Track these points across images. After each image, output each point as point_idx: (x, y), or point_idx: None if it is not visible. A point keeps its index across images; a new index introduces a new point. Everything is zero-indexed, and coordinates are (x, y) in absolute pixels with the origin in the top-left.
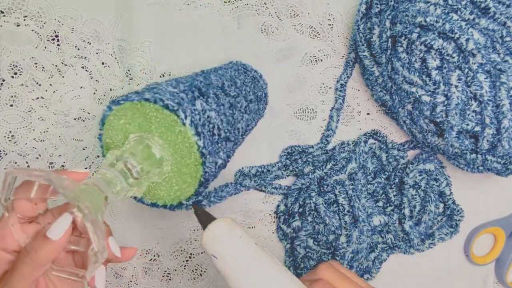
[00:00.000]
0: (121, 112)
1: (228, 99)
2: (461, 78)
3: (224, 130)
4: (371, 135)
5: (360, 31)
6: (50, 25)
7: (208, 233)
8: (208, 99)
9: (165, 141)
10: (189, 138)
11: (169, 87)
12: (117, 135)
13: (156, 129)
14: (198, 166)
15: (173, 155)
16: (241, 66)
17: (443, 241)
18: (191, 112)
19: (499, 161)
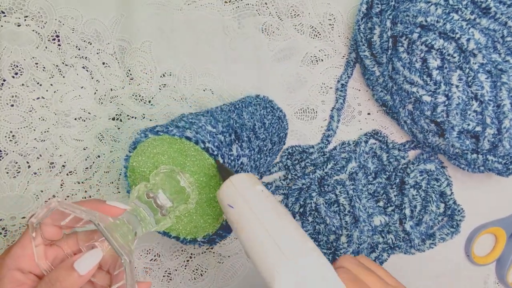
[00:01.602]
0: (157, 142)
1: (258, 142)
2: (462, 78)
3: (252, 173)
4: (372, 135)
5: (361, 31)
6: (51, 25)
7: (228, 183)
8: (242, 144)
9: (197, 180)
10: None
11: (208, 126)
12: (146, 162)
13: (190, 167)
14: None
15: (201, 195)
16: (268, 103)
17: (444, 241)
18: (228, 158)
19: (500, 161)
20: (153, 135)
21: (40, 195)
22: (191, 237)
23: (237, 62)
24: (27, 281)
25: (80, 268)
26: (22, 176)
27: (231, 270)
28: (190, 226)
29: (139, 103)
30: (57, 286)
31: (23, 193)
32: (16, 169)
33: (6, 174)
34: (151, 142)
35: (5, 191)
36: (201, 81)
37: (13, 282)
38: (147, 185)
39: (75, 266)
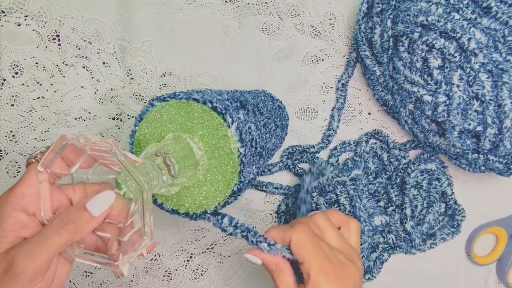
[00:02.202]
0: (165, 109)
1: (262, 118)
2: (463, 77)
3: (260, 145)
4: (373, 135)
5: (362, 30)
6: (51, 24)
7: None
8: (248, 112)
9: (205, 144)
10: (232, 143)
11: (214, 94)
12: (153, 133)
13: (198, 130)
14: (234, 174)
15: (210, 160)
16: (268, 94)
17: (444, 241)
18: (237, 119)
19: (501, 161)
20: (159, 103)
21: None
22: (200, 210)
23: (237, 62)
24: (31, 224)
25: (93, 209)
26: None
27: (232, 270)
28: (200, 198)
29: (139, 102)
30: (70, 226)
31: None
32: (16, 168)
33: (6, 173)
34: (158, 110)
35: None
36: (202, 80)
37: (17, 223)
38: (157, 145)
39: (88, 207)
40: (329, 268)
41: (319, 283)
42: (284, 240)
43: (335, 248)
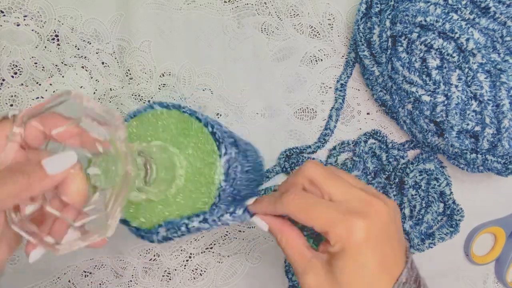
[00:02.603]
0: (163, 116)
1: (247, 165)
2: (461, 77)
3: (237, 189)
4: (371, 135)
5: (360, 30)
6: (50, 24)
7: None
8: (239, 153)
9: (189, 165)
10: (217, 174)
11: (215, 121)
12: (141, 134)
13: (188, 149)
14: (206, 205)
15: (187, 182)
16: (254, 146)
17: (443, 241)
18: (229, 153)
19: (499, 161)
20: (160, 108)
21: None
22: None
23: (236, 62)
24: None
25: (49, 167)
26: None
27: (231, 270)
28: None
29: (138, 102)
30: (20, 178)
31: None
32: None
33: None
34: (155, 114)
35: None
36: (201, 80)
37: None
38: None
39: (43, 163)
40: (344, 215)
41: (339, 235)
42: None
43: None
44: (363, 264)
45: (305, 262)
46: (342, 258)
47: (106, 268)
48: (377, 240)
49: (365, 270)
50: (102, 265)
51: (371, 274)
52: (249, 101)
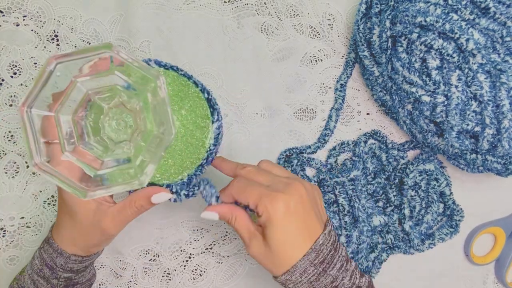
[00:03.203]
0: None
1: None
2: (461, 78)
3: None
4: (371, 135)
5: (360, 31)
6: (50, 24)
7: None
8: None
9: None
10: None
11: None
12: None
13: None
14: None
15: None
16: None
17: (443, 241)
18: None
19: (499, 161)
20: (157, 66)
21: (39, 195)
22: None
23: (236, 62)
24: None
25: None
26: (21, 176)
27: (230, 270)
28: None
29: None
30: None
31: (21, 193)
32: (14, 169)
33: (5, 174)
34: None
35: (4, 191)
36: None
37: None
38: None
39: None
40: (270, 192)
41: (264, 206)
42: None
43: (281, 177)
44: (285, 230)
45: (250, 234)
46: (269, 228)
47: (105, 268)
48: (296, 211)
49: (288, 234)
50: (102, 265)
51: (293, 237)
52: (249, 101)
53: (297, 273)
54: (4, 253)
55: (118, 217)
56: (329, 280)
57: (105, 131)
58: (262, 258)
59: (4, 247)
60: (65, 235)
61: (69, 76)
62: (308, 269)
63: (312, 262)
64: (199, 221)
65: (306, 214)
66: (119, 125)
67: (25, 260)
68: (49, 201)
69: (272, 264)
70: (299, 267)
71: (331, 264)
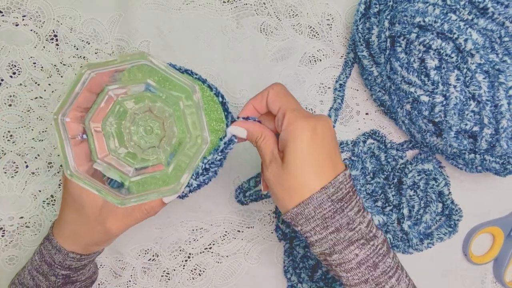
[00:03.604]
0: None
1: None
2: (460, 78)
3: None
4: (370, 135)
5: (359, 31)
6: (49, 24)
7: None
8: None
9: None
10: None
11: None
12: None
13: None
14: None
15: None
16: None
17: (441, 241)
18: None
19: (497, 161)
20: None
21: (38, 195)
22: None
23: (235, 62)
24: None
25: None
26: (20, 176)
27: (230, 270)
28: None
29: None
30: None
31: (21, 193)
32: (14, 169)
33: (4, 174)
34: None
35: (3, 191)
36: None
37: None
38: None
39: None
40: (302, 110)
41: (294, 118)
42: (262, 97)
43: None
44: (309, 152)
45: (272, 157)
46: (292, 145)
47: (105, 268)
48: (323, 138)
49: (311, 158)
50: (101, 265)
51: (315, 163)
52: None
53: (311, 206)
54: (4, 253)
55: (124, 218)
56: (345, 220)
57: (132, 138)
58: (277, 182)
59: (3, 247)
60: (66, 231)
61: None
62: (325, 203)
63: (330, 197)
64: (198, 221)
65: (332, 145)
66: (147, 131)
67: (25, 259)
68: (48, 201)
69: (286, 191)
70: (315, 199)
71: (349, 205)
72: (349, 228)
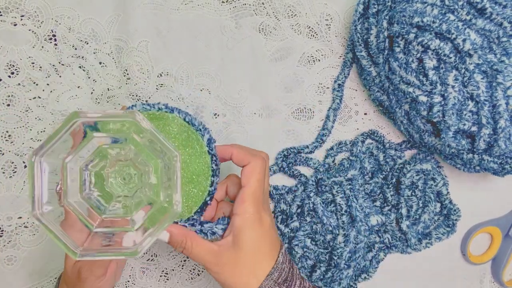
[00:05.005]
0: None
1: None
2: (458, 78)
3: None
4: (369, 135)
5: (358, 31)
6: (47, 24)
7: None
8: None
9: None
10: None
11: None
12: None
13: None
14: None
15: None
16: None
17: (440, 241)
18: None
19: (495, 161)
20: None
21: None
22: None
23: (234, 62)
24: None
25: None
26: (18, 176)
27: None
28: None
29: (135, 102)
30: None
31: (19, 193)
32: (12, 169)
33: (3, 174)
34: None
35: (1, 191)
36: (198, 81)
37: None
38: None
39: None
40: (261, 199)
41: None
42: (242, 160)
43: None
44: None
45: (215, 255)
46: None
47: None
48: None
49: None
50: None
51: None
52: (246, 101)
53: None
54: (2, 253)
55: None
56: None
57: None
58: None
59: (1, 247)
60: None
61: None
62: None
63: (276, 281)
64: None
65: (274, 230)
66: (125, 179)
67: (23, 260)
68: None
69: (241, 279)
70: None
71: (292, 282)
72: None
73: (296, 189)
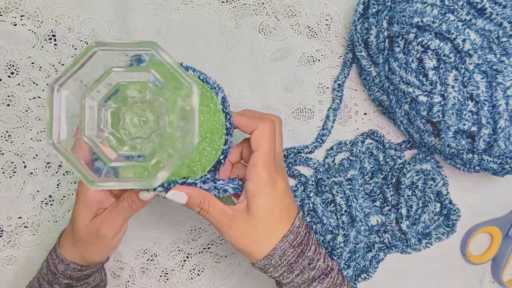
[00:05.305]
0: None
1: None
2: (458, 78)
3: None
4: (368, 135)
5: (358, 31)
6: (47, 24)
7: None
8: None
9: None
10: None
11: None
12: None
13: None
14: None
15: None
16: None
17: (440, 241)
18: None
19: (495, 161)
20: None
21: (36, 195)
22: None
23: (234, 62)
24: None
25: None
26: (18, 176)
27: (228, 270)
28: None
29: None
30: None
31: (19, 193)
32: (12, 169)
33: (2, 174)
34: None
35: (1, 191)
36: None
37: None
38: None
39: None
40: (273, 163)
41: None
42: (249, 126)
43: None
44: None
45: (229, 218)
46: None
47: None
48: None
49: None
50: None
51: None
52: (246, 101)
53: (276, 256)
54: (2, 253)
55: (111, 218)
56: (307, 262)
57: (124, 125)
58: (245, 236)
59: (1, 247)
60: (68, 242)
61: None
62: (288, 251)
63: (291, 244)
64: (197, 220)
65: (287, 192)
66: (140, 121)
67: (23, 260)
68: (47, 201)
69: (256, 242)
70: (279, 249)
71: (308, 246)
72: (310, 268)
73: (296, 189)
